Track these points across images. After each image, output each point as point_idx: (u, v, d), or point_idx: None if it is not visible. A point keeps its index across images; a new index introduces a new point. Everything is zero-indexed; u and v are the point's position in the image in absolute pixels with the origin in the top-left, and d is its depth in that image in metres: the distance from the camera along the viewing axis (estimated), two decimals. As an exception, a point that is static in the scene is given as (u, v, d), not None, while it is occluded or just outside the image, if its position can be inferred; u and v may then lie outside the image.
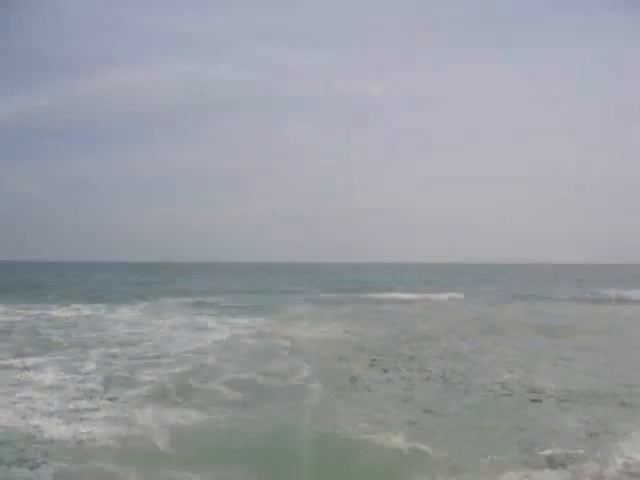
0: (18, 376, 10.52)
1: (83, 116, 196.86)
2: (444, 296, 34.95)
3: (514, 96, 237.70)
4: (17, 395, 9.15)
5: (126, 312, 23.20)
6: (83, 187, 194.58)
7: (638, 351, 14.76)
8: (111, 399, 9.05)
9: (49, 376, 10.54)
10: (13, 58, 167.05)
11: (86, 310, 23.87)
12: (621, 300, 34.97)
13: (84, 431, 7.08)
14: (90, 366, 11.52)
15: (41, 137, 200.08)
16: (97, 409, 8.42)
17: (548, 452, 6.70)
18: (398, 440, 6.91)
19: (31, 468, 6.28)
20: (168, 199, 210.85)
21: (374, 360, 12.60)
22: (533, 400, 9.06)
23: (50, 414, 8.12)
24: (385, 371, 11.36)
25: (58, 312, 22.95)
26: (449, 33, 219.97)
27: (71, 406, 8.63)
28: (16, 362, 11.87)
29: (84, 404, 8.74)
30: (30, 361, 11.98)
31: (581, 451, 6.68)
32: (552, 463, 6.43)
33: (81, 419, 7.84)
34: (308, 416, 8.02)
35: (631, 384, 10.22)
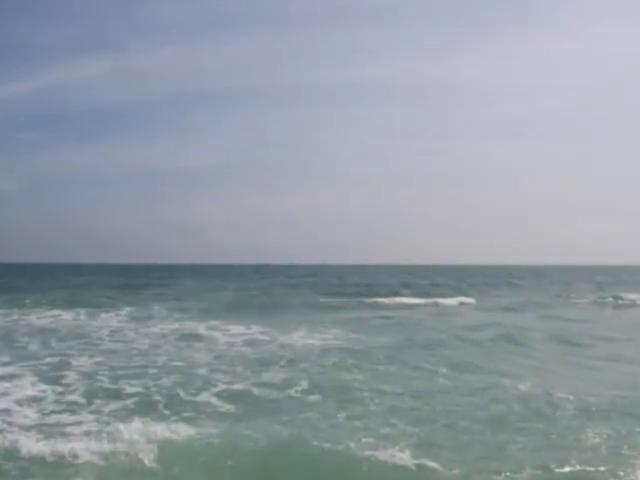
0: (-7, 387, 10.52)
1: (67, 106, 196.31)
2: (454, 301, 35.02)
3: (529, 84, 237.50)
4: (-8, 408, 9.16)
5: (110, 318, 23.21)
6: (66, 184, 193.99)
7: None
8: (94, 412, 9.07)
9: (27, 387, 10.54)
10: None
11: (67, 316, 23.88)
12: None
13: (65, 446, 7.08)
14: (71, 376, 11.53)
15: (19, 129, 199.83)
16: (79, 423, 8.43)
17: (566, 469, 6.71)
18: (404, 456, 6.91)
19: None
20: (162, 197, 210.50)
21: (378, 370, 12.60)
22: (550, 413, 9.06)
23: (28, 428, 8.14)
24: (390, 382, 11.36)
25: (37, 318, 22.95)
26: (455, 15, 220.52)
27: (51, 419, 8.65)
28: (-9, 372, 11.87)
29: (65, 417, 8.76)
30: (6, 371, 11.99)
31: (602, 468, 6.69)
32: (570, 481, 6.44)
33: (62, 433, 7.84)
34: (307, 430, 8.03)
35: (656, 396, 10.23)
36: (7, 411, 9.00)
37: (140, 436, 7.25)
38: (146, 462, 6.80)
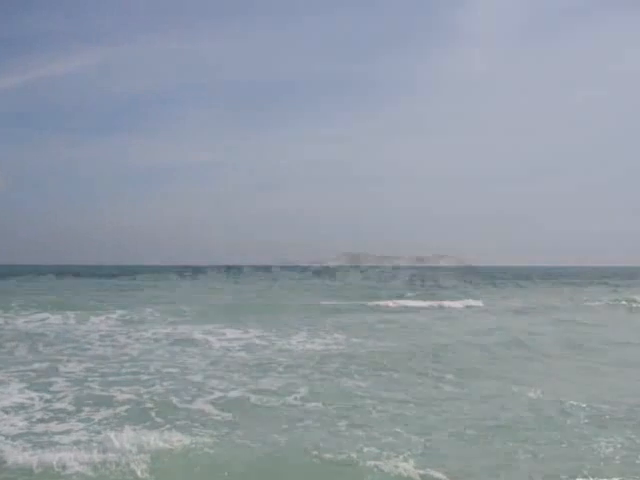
0: (-22, 394, 10.52)
1: (56, 100, 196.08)
2: (460, 304, 35.00)
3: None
4: (-23, 416, 9.16)
5: (100, 322, 23.20)
6: (56, 181, 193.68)
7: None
8: (83, 420, 9.06)
9: (13, 394, 10.53)
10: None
11: (55, 319, 23.85)
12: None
13: (53, 456, 7.08)
14: (60, 383, 11.52)
15: (7, 124, 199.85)
16: (67, 431, 8.43)
17: (578, 480, 6.71)
18: (408, 466, 6.91)
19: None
20: (157, 195, 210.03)
21: (381, 376, 12.61)
22: (561, 421, 9.06)
23: (15, 437, 8.13)
24: (394, 389, 11.37)
25: (24, 322, 22.95)
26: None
27: (38, 428, 8.64)
28: (-24, 378, 11.87)
29: (53, 426, 8.75)
30: (-8, 377, 11.98)
31: (615, 479, 6.69)
32: (583, 493, 6.45)
33: (50, 443, 7.84)
34: (306, 439, 8.03)
35: (672, 403, 10.23)
36: (-8, 419, 8.99)
37: (132, 445, 7.25)
38: (138, 473, 6.80)
